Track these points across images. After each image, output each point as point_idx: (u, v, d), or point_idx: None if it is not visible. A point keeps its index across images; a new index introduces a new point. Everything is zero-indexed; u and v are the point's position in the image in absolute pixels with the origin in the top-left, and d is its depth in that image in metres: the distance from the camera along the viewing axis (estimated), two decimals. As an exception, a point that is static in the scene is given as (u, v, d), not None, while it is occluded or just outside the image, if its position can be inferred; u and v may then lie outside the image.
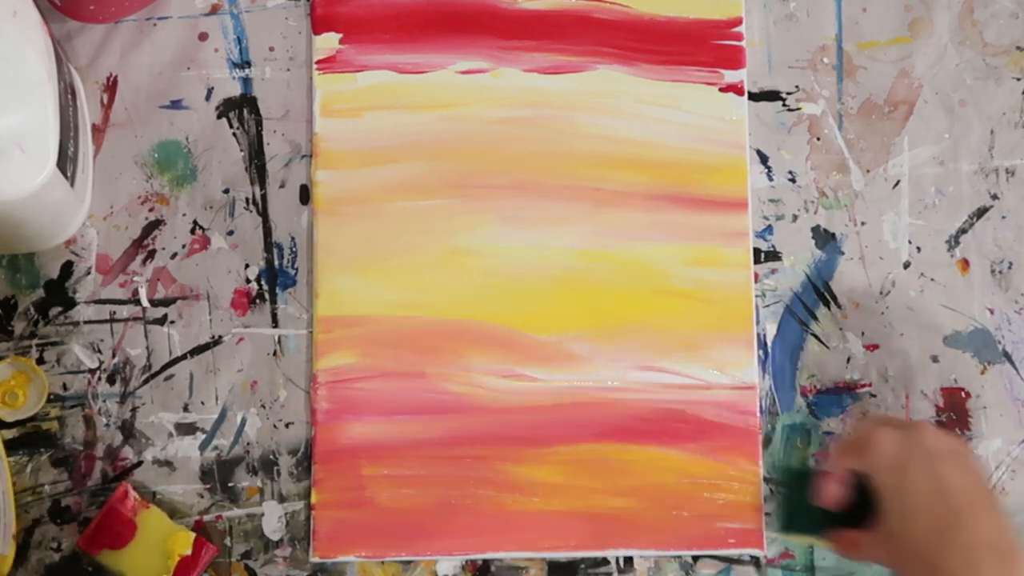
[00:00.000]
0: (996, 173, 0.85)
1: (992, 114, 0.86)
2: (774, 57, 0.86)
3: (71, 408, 0.81)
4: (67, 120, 0.75)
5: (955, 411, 0.83)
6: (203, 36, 0.85)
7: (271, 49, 0.85)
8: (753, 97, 0.85)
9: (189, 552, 0.77)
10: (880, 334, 0.84)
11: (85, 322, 0.82)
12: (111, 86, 0.84)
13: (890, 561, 0.70)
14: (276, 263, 0.83)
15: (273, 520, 0.81)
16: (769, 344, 0.83)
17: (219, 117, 0.84)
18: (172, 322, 0.82)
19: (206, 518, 0.80)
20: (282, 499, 0.81)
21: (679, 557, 0.81)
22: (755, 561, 0.81)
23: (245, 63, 0.85)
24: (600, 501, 0.81)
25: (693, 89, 0.85)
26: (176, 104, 0.84)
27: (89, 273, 0.82)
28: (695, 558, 0.81)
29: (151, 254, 0.83)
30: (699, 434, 0.81)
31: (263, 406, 0.82)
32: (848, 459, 0.73)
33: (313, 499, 0.80)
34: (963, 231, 0.85)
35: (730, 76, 0.85)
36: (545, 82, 0.84)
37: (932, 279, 0.84)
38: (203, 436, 0.81)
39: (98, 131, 0.84)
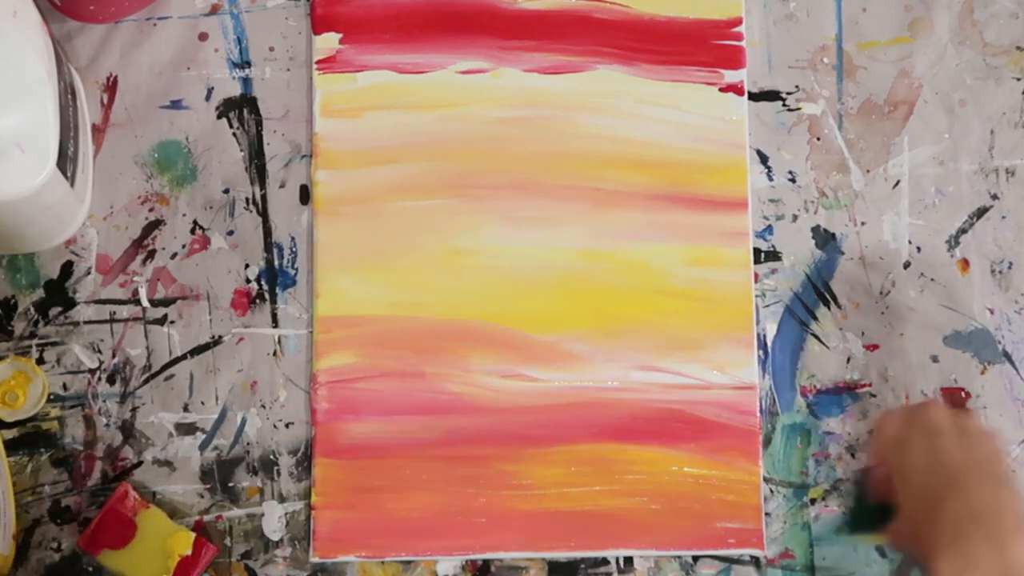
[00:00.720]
0: (996, 173, 0.85)
1: (992, 114, 0.86)
2: (774, 57, 0.86)
3: (71, 408, 0.81)
4: (67, 120, 0.75)
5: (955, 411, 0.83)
6: (203, 36, 0.85)
7: (271, 49, 0.85)
8: (753, 97, 0.85)
9: (189, 552, 0.77)
10: (880, 334, 0.84)
11: (85, 322, 0.82)
12: (111, 86, 0.84)
13: (908, 544, 0.68)
14: (276, 263, 0.83)
15: (273, 520, 0.81)
16: (769, 344, 0.83)
17: (219, 117, 0.84)
18: (172, 322, 0.82)
19: (206, 518, 0.80)
20: (282, 499, 0.81)
21: (679, 557, 0.81)
22: (755, 561, 0.81)
23: (245, 63, 0.85)
24: (600, 501, 0.81)
25: (693, 89, 0.85)
26: (176, 104, 0.84)
27: (89, 273, 0.82)
28: (695, 558, 0.81)
29: (151, 254, 0.83)
30: (699, 434, 0.81)
31: (263, 406, 0.82)
32: (876, 453, 0.72)
33: (313, 499, 0.80)
34: (963, 231, 0.85)
35: (730, 76, 0.85)
36: (545, 82, 0.84)
37: (932, 279, 0.84)
38: (203, 436, 0.81)
39: (98, 131, 0.84)
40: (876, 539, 0.78)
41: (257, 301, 0.83)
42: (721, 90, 0.85)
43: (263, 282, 0.83)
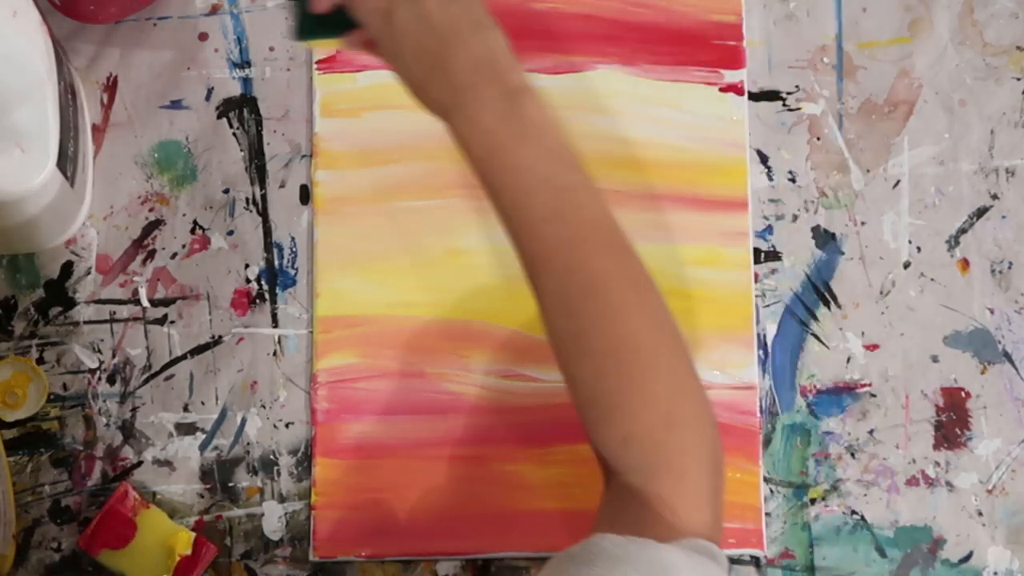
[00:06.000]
0: (996, 173, 0.85)
1: (992, 114, 0.86)
2: (774, 57, 0.86)
3: (71, 408, 0.81)
4: (67, 120, 0.75)
5: (955, 411, 0.83)
6: (203, 36, 0.85)
7: (271, 49, 0.85)
8: (753, 97, 0.85)
9: (189, 552, 0.77)
10: (880, 334, 0.84)
11: (85, 322, 0.82)
12: (111, 86, 0.84)
13: (420, 102, 0.69)
14: (276, 263, 0.83)
15: (273, 520, 0.81)
16: (769, 344, 0.83)
17: (219, 117, 0.84)
18: (172, 322, 0.82)
19: (206, 518, 0.80)
20: (282, 499, 0.81)
21: (679, 557, 0.80)
22: (755, 561, 0.81)
23: (245, 63, 0.85)
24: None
25: (693, 89, 0.85)
26: (176, 104, 0.84)
27: (89, 273, 0.82)
28: (695, 558, 0.81)
29: (151, 254, 0.83)
30: (699, 434, 0.81)
31: (263, 406, 0.82)
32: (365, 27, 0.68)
33: (313, 499, 0.80)
34: (963, 231, 0.85)
35: (730, 76, 0.85)
36: (545, 82, 0.84)
37: (932, 279, 0.84)
38: (203, 436, 0.81)
39: (98, 131, 0.84)
40: (328, 43, 0.74)
41: (257, 301, 0.83)
42: (721, 90, 0.85)
43: (263, 282, 0.83)
